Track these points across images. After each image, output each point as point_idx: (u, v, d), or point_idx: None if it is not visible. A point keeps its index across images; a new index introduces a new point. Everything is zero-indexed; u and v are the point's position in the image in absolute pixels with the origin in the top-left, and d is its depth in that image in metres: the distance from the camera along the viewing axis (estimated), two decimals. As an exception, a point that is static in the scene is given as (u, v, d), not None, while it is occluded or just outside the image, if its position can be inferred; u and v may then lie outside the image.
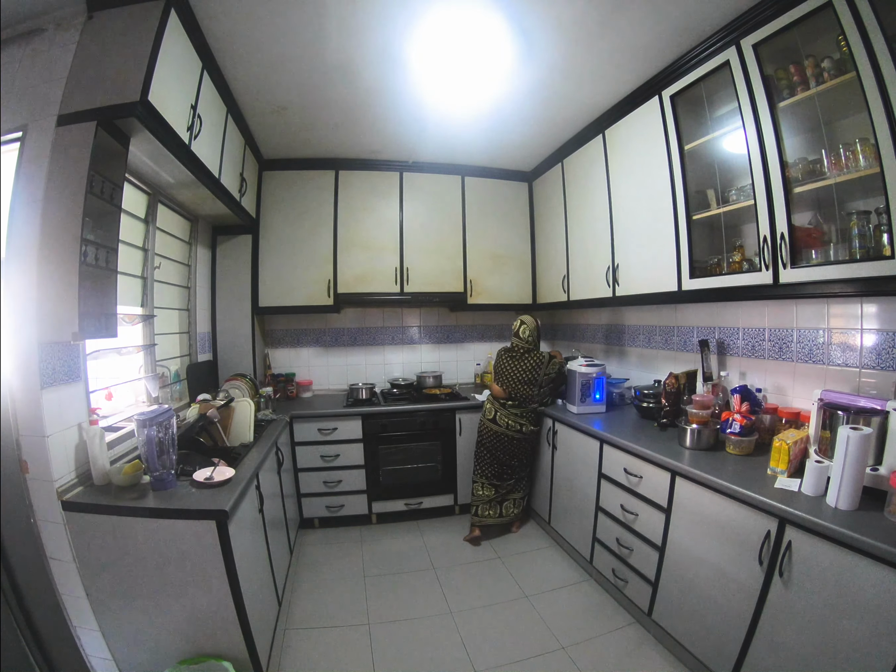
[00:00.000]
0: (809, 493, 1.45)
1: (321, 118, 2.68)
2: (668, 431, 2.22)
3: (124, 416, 2.03)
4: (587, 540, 2.45)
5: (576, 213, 3.09)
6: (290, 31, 1.88)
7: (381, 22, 1.83)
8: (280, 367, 3.58)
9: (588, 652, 1.95)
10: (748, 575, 1.51)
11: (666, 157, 2.18)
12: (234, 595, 1.54)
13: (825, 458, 1.53)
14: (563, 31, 1.91)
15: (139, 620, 1.56)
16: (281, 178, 3.29)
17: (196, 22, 1.79)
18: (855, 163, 1.49)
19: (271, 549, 2.09)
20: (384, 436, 3.06)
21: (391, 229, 3.41)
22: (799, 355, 1.95)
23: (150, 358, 2.33)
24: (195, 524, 1.49)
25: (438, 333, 3.91)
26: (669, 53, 2.05)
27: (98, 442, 1.59)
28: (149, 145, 1.76)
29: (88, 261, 1.49)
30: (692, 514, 1.76)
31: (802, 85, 1.62)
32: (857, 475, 1.33)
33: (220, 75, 2.15)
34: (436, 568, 2.62)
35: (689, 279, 2.12)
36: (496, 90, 2.38)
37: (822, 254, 1.60)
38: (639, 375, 2.96)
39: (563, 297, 3.24)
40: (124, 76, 1.53)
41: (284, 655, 1.95)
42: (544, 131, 2.93)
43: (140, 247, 2.27)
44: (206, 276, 3.10)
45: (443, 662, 1.91)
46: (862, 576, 1.21)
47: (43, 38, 1.61)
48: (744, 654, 1.53)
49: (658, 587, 1.93)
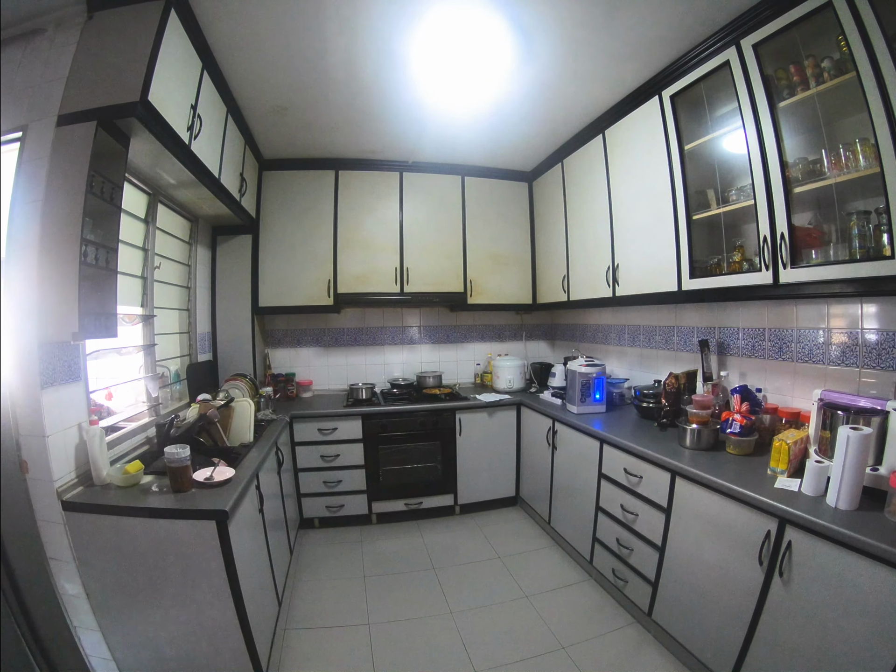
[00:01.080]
0: (809, 494, 1.45)
1: (321, 118, 2.68)
2: (668, 431, 2.22)
3: (124, 416, 2.03)
4: (587, 540, 2.45)
5: (576, 213, 3.09)
6: (290, 31, 1.88)
7: (381, 21, 1.83)
8: (280, 367, 3.58)
9: (588, 652, 1.95)
10: (748, 575, 1.51)
11: (666, 156, 2.18)
12: (234, 595, 1.54)
13: (825, 458, 1.53)
14: (563, 31, 1.91)
15: (139, 620, 1.56)
16: (281, 178, 3.29)
17: (196, 22, 1.79)
18: (855, 163, 1.49)
19: (271, 549, 2.09)
20: (384, 436, 3.06)
21: (391, 229, 3.41)
22: (799, 355, 1.95)
23: (150, 358, 2.33)
24: (195, 524, 1.49)
25: (438, 333, 3.91)
26: (669, 53, 2.05)
27: (98, 442, 1.59)
28: (149, 145, 1.75)
29: (88, 261, 1.49)
30: (692, 514, 1.76)
31: (802, 85, 1.62)
32: (857, 475, 1.33)
33: (220, 75, 2.15)
34: (436, 568, 2.62)
35: (689, 279, 2.12)
36: (496, 90, 2.38)
37: (822, 254, 1.60)
38: (639, 375, 2.96)
39: (563, 297, 3.24)
40: (124, 76, 1.52)
41: (284, 655, 1.95)
42: (544, 131, 2.93)
43: (140, 247, 2.27)
44: (206, 276, 3.10)
45: (443, 662, 1.91)
46: (862, 576, 1.21)
47: (43, 38, 1.61)
48: (744, 654, 1.53)
49: (658, 587, 1.93)
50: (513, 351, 3.97)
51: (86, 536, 1.50)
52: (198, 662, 1.60)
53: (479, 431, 3.23)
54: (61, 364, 1.53)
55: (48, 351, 1.47)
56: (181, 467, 1.59)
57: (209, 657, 1.60)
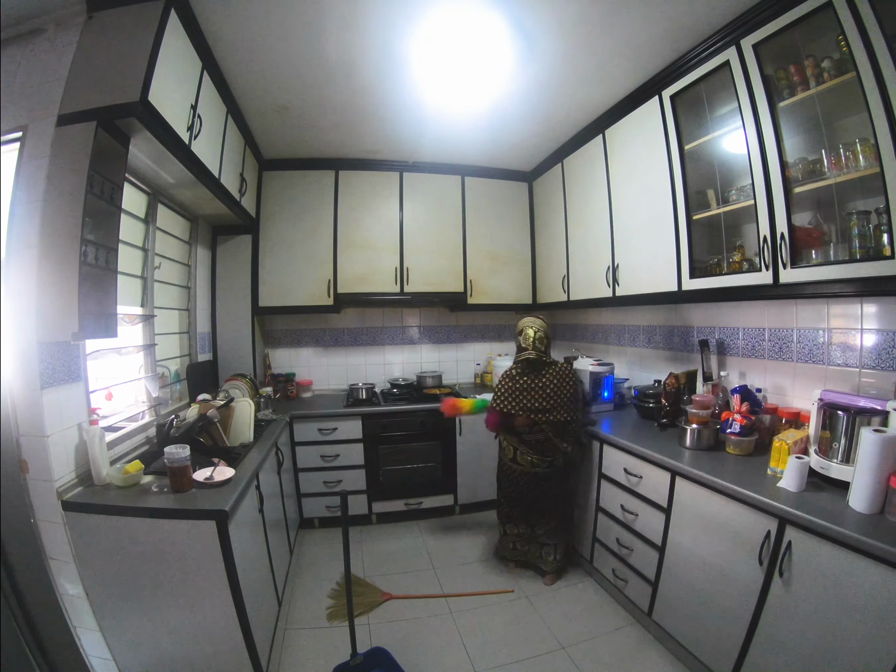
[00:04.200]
0: (792, 490, 1.48)
1: (321, 118, 2.68)
2: (668, 431, 2.21)
3: (124, 416, 2.03)
4: (587, 540, 2.44)
5: (576, 213, 3.08)
6: (290, 31, 1.88)
7: (381, 21, 1.83)
8: (280, 367, 3.58)
9: (588, 652, 1.95)
10: (748, 575, 1.51)
11: (666, 156, 2.18)
12: (234, 595, 1.54)
13: (825, 457, 1.53)
14: (563, 31, 1.91)
15: (139, 620, 1.56)
16: (281, 178, 3.29)
17: (196, 22, 1.78)
18: (855, 163, 1.49)
19: (271, 549, 2.09)
20: (384, 436, 3.06)
21: (391, 229, 3.41)
22: (799, 355, 1.95)
23: (150, 358, 2.33)
24: (195, 524, 1.49)
25: (438, 333, 3.91)
26: (669, 53, 2.05)
27: (98, 442, 1.59)
28: (149, 145, 1.75)
29: (88, 261, 1.49)
30: (692, 514, 1.76)
31: (802, 85, 1.61)
32: (878, 478, 1.30)
33: (220, 75, 2.15)
34: (436, 568, 2.62)
35: (689, 279, 2.12)
36: (496, 90, 2.37)
37: (822, 254, 1.60)
38: (639, 375, 2.96)
39: (563, 297, 3.24)
40: (124, 76, 1.52)
41: (284, 655, 1.95)
42: (544, 131, 2.93)
43: (140, 247, 2.27)
44: (206, 276, 3.10)
45: (443, 662, 1.91)
46: (862, 576, 1.21)
47: (43, 38, 1.61)
48: (744, 654, 1.53)
49: (658, 587, 1.93)
50: (513, 351, 3.95)
51: (86, 536, 1.49)
52: (198, 662, 1.61)
53: (480, 431, 3.20)
54: (61, 364, 1.53)
55: (48, 351, 1.47)
56: (181, 467, 1.59)
57: (209, 657, 1.60)
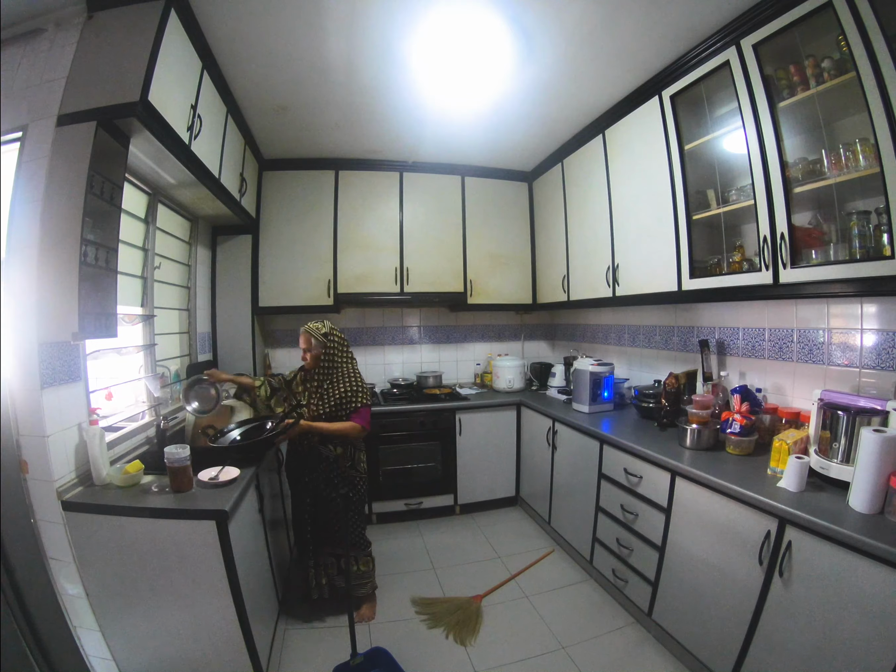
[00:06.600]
0: (791, 489, 1.48)
1: (321, 118, 2.68)
2: (668, 431, 2.21)
3: (124, 416, 2.03)
4: (587, 540, 2.44)
5: (576, 213, 3.08)
6: (290, 31, 1.88)
7: (381, 22, 1.83)
8: (280, 367, 3.57)
9: (588, 652, 1.95)
10: (748, 575, 1.51)
11: (666, 157, 2.18)
12: (234, 595, 1.54)
13: (825, 457, 1.53)
14: (563, 31, 1.91)
15: (139, 620, 1.56)
16: (281, 178, 3.29)
17: (196, 22, 1.78)
18: (855, 163, 1.49)
19: (271, 549, 2.09)
20: (384, 436, 3.06)
21: (391, 229, 3.41)
22: (799, 355, 1.95)
23: (150, 358, 2.33)
24: (195, 524, 1.49)
25: (438, 333, 3.90)
26: (669, 53, 2.05)
27: (98, 442, 1.59)
28: (149, 145, 1.75)
29: (88, 261, 1.49)
30: (692, 515, 1.76)
31: (802, 85, 1.62)
32: (879, 478, 1.30)
33: (220, 75, 2.15)
34: (436, 568, 2.62)
35: (689, 279, 2.12)
36: (496, 90, 2.37)
37: (822, 254, 1.60)
38: (639, 375, 2.96)
39: (563, 297, 3.24)
40: (124, 76, 1.52)
41: (284, 655, 1.95)
42: (544, 131, 2.93)
43: (140, 247, 2.26)
44: (206, 276, 3.09)
45: (442, 662, 1.91)
46: (862, 576, 1.21)
47: (43, 38, 1.61)
48: (744, 654, 1.53)
49: (658, 587, 1.93)
50: (513, 351, 3.97)
51: (86, 536, 1.49)
52: (198, 662, 1.61)
53: (480, 431, 3.23)
54: (61, 364, 1.53)
55: (48, 351, 1.47)
56: (181, 467, 1.59)
57: (209, 657, 1.60)
